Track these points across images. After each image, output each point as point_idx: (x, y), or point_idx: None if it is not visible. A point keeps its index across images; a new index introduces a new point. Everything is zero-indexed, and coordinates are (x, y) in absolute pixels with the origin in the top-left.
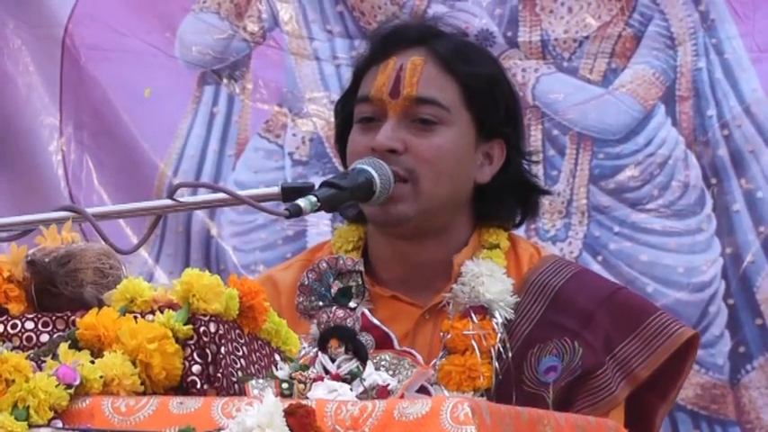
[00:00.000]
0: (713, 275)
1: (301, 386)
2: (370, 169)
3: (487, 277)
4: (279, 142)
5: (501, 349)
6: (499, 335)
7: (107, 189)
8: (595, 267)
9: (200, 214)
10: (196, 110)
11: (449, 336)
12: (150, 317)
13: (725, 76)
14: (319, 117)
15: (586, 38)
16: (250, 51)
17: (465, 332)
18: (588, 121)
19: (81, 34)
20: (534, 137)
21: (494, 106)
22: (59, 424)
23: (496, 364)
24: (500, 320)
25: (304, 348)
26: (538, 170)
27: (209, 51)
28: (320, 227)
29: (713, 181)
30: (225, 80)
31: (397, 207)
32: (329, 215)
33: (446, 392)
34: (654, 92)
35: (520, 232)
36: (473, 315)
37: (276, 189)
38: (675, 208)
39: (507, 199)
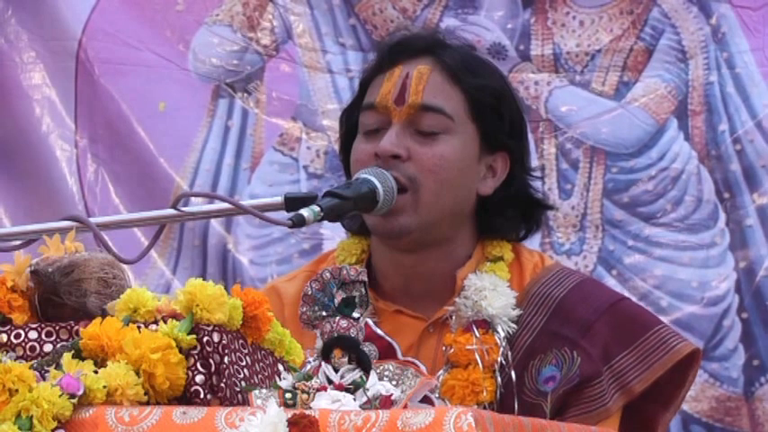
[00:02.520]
0: (727, 290)
1: (305, 396)
2: (373, 179)
3: (490, 291)
4: (293, 155)
5: (503, 363)
6: (501, 349)
7: (124, 202)
8: (610, 281)
9: (216, 227)
10: (211, 123)
11: (451, 350)
12: (154, 327)
13: (736, 90)
14: (333, 130)
15: (598, 51)
16: (263, 64)
17: (468, 346)
18: (601, 135)
19: (95, 48)
20: (548, 150)
21: (499, 119)
22: None
23: (499, 378)
24: (502, 335)
25: (309, 363)
26: (550, 185)
27: (223, 64)
28: (336, 240)
29: (726, 195)
30: (239, 93)
31: (398, 219)
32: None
33: (448, 405)
34: (666, 106)
35: (534, 246)
36: (475, 329)
37: (279, 199)
38: (689, 222)
39: (510, 212)
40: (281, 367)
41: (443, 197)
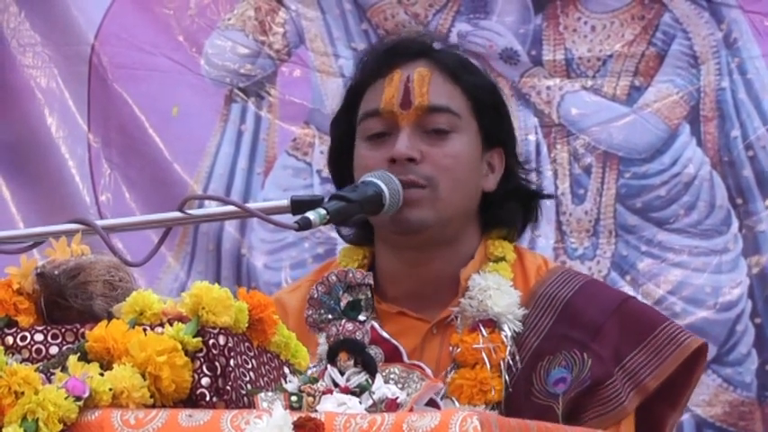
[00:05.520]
0: (740, 295)
1: (310, 399)
2: (379, 182)
3: (494, 290)
4: (307, 160)
5: (510, 362)
6: (508, 348)
7: (138, 207)
8: (624, 286)
9: (230, 232)
10: (224, 128)
11: (458, 349)
12: (159, 329)
13: (748, 96)
14: None
15: (610, 56)
16: (276, 69)
17: (475, 346)
18: (614, 141)
19: (108, 53)
20: (560, 155)
21: (498, 115)
22: None
23: (506, 377)
24: (509, 333)
25: (310, 368)
26: (563, 189)
27: (235, 69)
28: None
29: (739, 201)
30: (252, 98)
31: (418, 212)
32: None
33: (457, 406)
34: (678, 111)
35: (548, 251)
36: (482, 328)
37: (285, 202)
38: (702, 228)
39: (512, 205)
40: (286, 370)
41: (458, 194)
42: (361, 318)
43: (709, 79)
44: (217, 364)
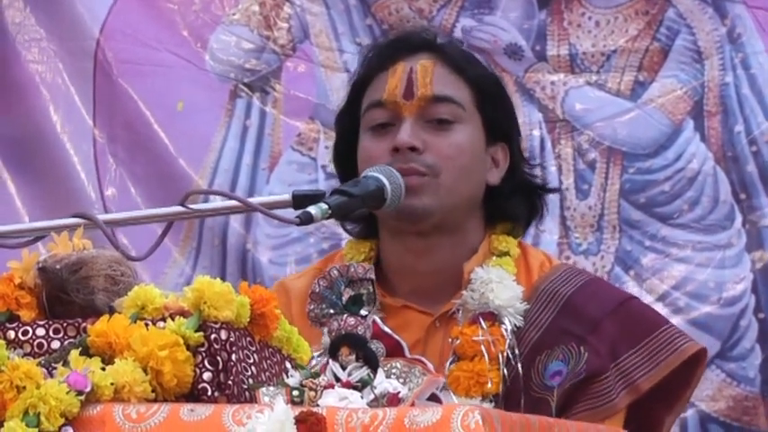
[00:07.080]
0: (743, 290)
1: (312, 393)
2: (381, 177)
3: (497, 284)
4: (311, 155)
5: (510, 355)
6: (508, 341)
7: (143, 202)
8: (628, 281)
9: (236, 227)
10: (229, 123)
11: (458, 342)
12: (161, 324)
13: (752, 91)
14: None
15: (614, 52)
16: (281, 64)
17: (474, 338)
18: (618, 136)
19: (113, 48)
20: (564, 151)
21: (502, 108)
22: (70, 431)
23: (505, 369)
24: (509, 327)
25: (314, 358)
26: (568, 185)
27: (240, 64)
28: None
29: (742, 196)
30: (257, 93)
31: (422, 199)
32: None
33: (454, 397)
34: (682, 106)
35: (552, 246)
36: (482, 321)
37: (287, 197)
38: (706, 223)
39: (517, 199)
40: (288, 365)
41: (461, 183)
42: (363, 312)
43: (712, 74)
44: (218, 358)
